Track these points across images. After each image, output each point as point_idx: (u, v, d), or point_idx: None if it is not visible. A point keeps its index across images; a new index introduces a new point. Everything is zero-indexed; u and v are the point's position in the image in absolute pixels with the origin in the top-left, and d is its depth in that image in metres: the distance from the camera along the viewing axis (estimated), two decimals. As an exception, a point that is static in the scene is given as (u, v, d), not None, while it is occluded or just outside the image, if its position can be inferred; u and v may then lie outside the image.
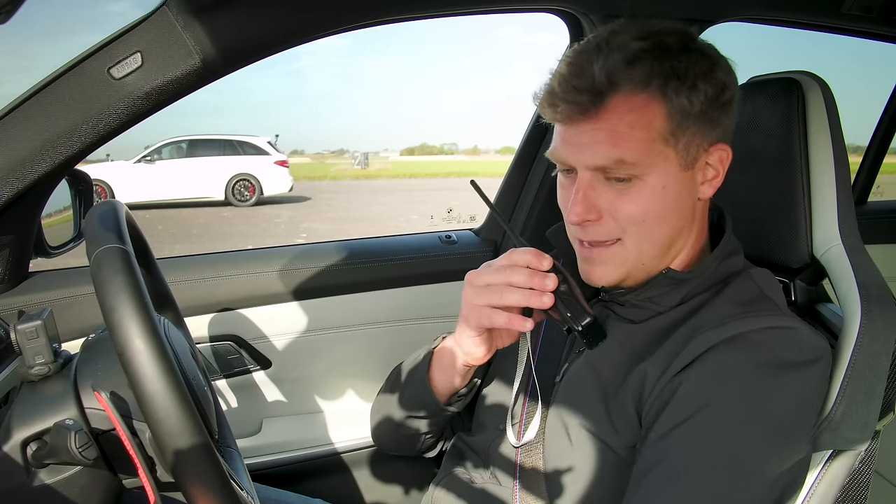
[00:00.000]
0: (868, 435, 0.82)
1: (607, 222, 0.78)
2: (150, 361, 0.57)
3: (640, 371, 0.78)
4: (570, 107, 0.75)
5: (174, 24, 0.98)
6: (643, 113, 0.74)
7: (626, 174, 0.75)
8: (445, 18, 1.29)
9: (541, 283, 0.74)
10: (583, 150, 0.76)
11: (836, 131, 0.90)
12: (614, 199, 0.77)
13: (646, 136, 0.74)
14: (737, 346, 0.74)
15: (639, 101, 0.74)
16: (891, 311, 0.83)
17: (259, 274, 1.40)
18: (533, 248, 0.76)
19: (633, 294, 0.82)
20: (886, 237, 2.06)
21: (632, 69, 0.74)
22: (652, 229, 0.78)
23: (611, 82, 0.73)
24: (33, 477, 0.69)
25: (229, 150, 12.74)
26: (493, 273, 0.77)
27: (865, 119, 2.45)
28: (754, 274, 0.84)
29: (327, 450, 1.45)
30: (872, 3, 1.41)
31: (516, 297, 0.75)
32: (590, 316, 0.73)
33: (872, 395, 0.81)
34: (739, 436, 0.72)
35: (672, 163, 0.77)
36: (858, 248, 0.88)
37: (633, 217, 0.77)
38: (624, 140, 0.74)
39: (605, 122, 0.74)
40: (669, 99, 0.75)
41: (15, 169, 0.99)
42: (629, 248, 0.79)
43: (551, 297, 0.73)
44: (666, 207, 0.78)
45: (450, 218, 10.40)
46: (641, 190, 0.76)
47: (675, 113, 0.75)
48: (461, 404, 0.94)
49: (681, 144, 0.76)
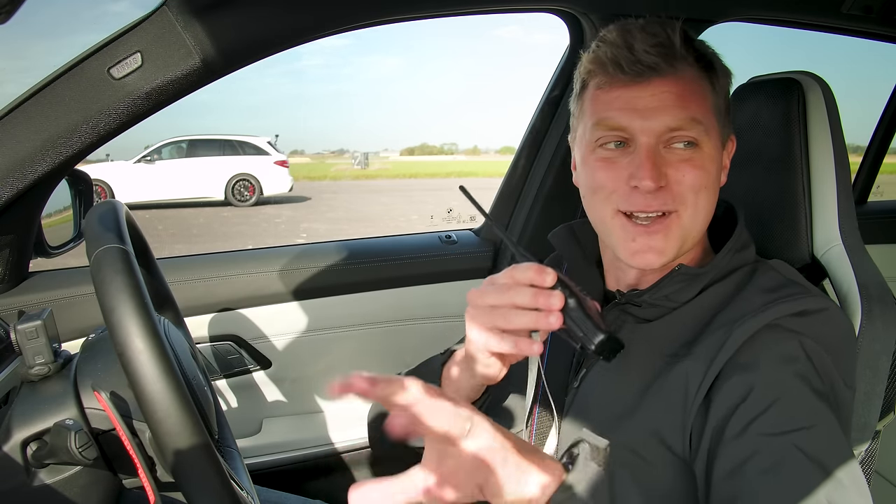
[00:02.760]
0: (868, 435, 0.82)
1: (672, 188, 0.78)
2: (150, 361, 0.57)
3: (680, 371, 0.77)
4: (643, 66, 0.76)
5: (174, 24, 0.98)
6: (701, 83, 0.79)
7: (695, 136, 0.77)
8: (445, 18, 1.29)
9: (546, 302, 0.68)
10: (652, 113, 0.77)
11: (836, 131, 0.90)
12: (680, 164, 0.78)
13: (704, 104, 0.79)
14: (779, 330, 0.75)
15: (696, 72, 0.79)
16: (891, 311, 0.83)
17: (259, 274, 1.40)
18: (535, 263, 0.71)
19: (648, 293, 0.82)
20: (886, 237, 2.06)
21: (690, 44, 0.78)
22: (707, 198, 0.80)
23: (685, 49, 0.77)
24: (33, 477, 0.69)
25: (229, 150, 12.74)
26: (496, 294, 0.71)
27: (865, 119, 2.45)
28: (774, 265, 0.85)
29: (327, 450, 1.45)
30: (872, 3, 1.41)
31: (523, 320, 0.69)
32: (603, 332, 0.67)
33: (872, 395, 0.81)
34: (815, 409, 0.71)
35: (717, 136, 0.80)
36: (858, 248, 0.88)
37: (698, 183, 0.78)
38: (692, 103, 0.77)
39: (676, 85, 0.77)
40: (712, 81, 0.80)
41: (15, 169, 0.99)
42: (685, 220, 0.79)
43: (559, 316, 0.68)
44: (715, 179, 0.81)
45: (450, 218, 10.40)
46: (703, 157, 0.78)
47: (720, 91, 0.81)
48: None
49: (720, 122, 0.81)
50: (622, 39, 0.78)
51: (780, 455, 0.69)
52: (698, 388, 0.75)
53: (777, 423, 0.70)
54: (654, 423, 0.78)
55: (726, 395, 0.74)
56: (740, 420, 0.72)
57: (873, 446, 0.87)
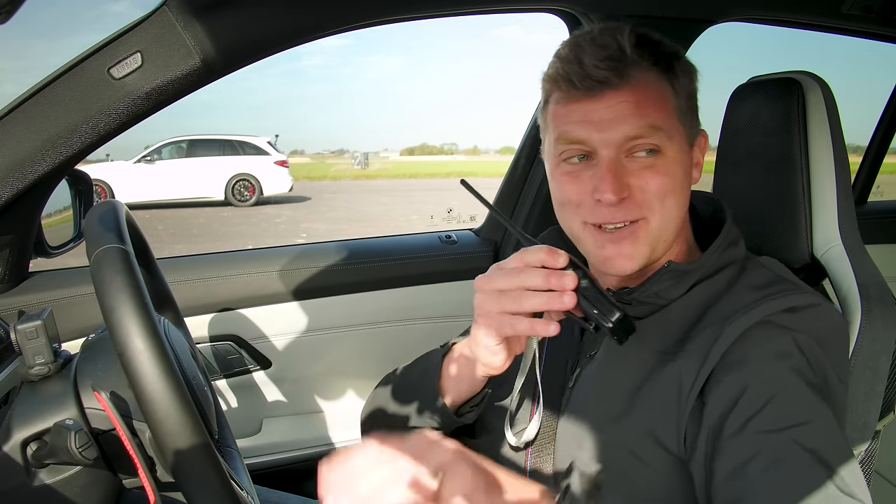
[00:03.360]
0: (868, 435, 0.82)
1: (636, 197, 0.78)
2: (150, 361, 0.57)
3: (673, 370, 0.77)
4: (594, 80, 0.76)
5: (174, 24, 0.98)
6: (660, 87, 0.78)
7: (656, 143, 0.77)
8: (445, 18, 1.29)
9: (559, 282, 0.68)
10: (608, 125, 0.76)
11: (836, 131, 0.90)
12: (642, 172, 0.77)
13: (665, 108, 0.78)
14: (771, 327, 0.75)
15: (654, 76, 0.78)
16: (891, 311, 0.83)
17: (259, 274, 1.40)
18: (546, 246, 0.70)
19: (638, 291, 0.82)
20: (886, 237, 2.06)
21: (642, 49, 0.77)
22: (675, 205, 0.79)
23: (633, 60, 0.76)
24: (33, 477, 0.69)
25: (229, 150, 12.74)
26: (506, 277, 0.71)
27: (865, 119, 2.45)
28: (764, 262, 0.85)
29: (327, 450, 1.45)
30: (872, 3, 1.41)
31: (536, 302, 0.69)
32: (619, 310, 0.68)
33: (872, 395, 0.81)
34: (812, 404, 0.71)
35: (682, 137, 0.80)
36: (858, 248, 0.88)
37: (662, 189, 0.77)
38: (650, 109, 0.76)
39: (631, 94, 0.76)
40: (677, 77, 0.79)
41: (15, 169, 0.99)
42: (653, 226, 0.79)
43: (573, 296, 0.67)
44: (681, 181, 0.80)
45: (450, 218, 10.39)
46: (665, 162, 0.78)
47: (681, 90, 0.79)
48: (473, 415, 0.90)
49: (686, 121, 0.80)
50: (573, 54, 0.77)
51: (780, 452, 0.69)
52: (692, 386, 0.75)
53: (775, 419, 0.70)
54: (648, 422, 0.78)
55: (722, 394, 0.73)
56: (738, 418, 0.72)
57: (873, 446, 0.88)
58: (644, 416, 0.78)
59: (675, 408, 0.76)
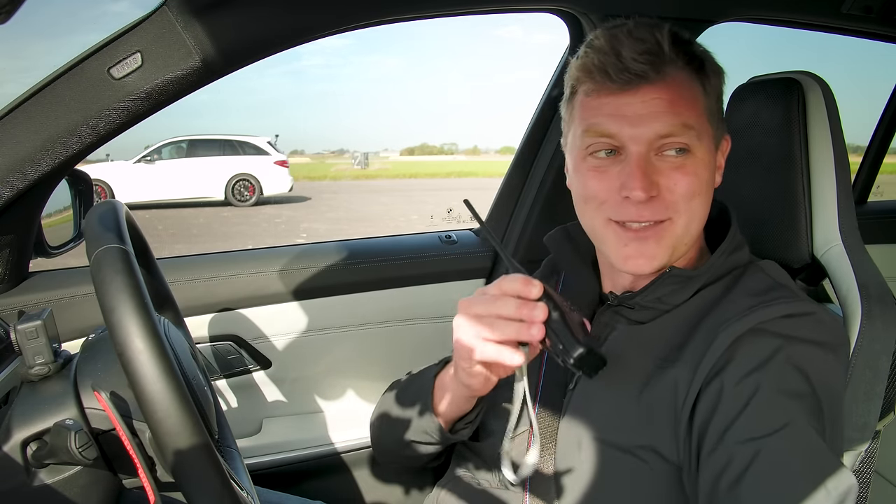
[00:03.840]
0: (868, 435, 0.82)
1: (664, 197, 0.77)
2: (150, 361, 0.57)
3: (669, 378, 0.77)
4: (631, 74, 0.75)
5: (174, 24, 0.98)
6: (692, 87, 0.78)
7: (687, 142, 0.76)
8: (445, 18, 1.29)
9: (529, 314, 0.69)
10: (641, 121, 0.76)
11: (836, 131, 0.90)
12: (671, 172, 0.77)
13: (696, 108, 0.78)
14: (761, 334, 0.74)
15: (687, 75, 0.78)
16: (891, 311, 0.83)
17: (259, 274, 1.40)
18: (522, 276, 0.71)
19: (641, 296, 0.82)
20: (886, 237, 2.06)
21: (679, 47, 0.77)
22: (701, 204, 0.79)
23: (669, 58, 0.76)
24: (33, 477, 0.69)
25: (229, 150, 12.74)
26: (484, 304, 0.72)
27: (865, 119, 2.45)
28: (764, 266, 0.85)
29: (327, 450, 1.45)
30: (872, 3, 1.41)
31: (506, 331, 0.70)
32: (582, 346, 0.66)
33: (872, 395, 0.81)
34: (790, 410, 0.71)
35: (710, 139, 0.80)
36: (858, 248, 0.88)
37: (690, 190, 0.77)
38: (683, 108, 0.76)
39: (665, 92, 0.76)
40: (703, 83, 0.79)
41: (15, 169, 0.99)
42: (678, 228, 0.78)
43: (541, 329, 0.68)
44: (708, 183, 0.80)
45: (450, 218, 10.39)
46: (695, 162, 0.77)
47: (711, 92, 0.79)
48: (467, 432, 0.92)
49: (714, 124, 0.80)
50: (610, 46, 0.76)
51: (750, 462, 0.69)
52: (686, 395, 0.76)
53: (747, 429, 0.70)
54: (648, 430, 0.78)
55: (705, 404, 0.74)
56: (715, 430, 0.72)
57: (873, 446, 0.87)
58: (644, 424, 0.78)
59: (672, 417, 0.76)
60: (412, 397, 0.94)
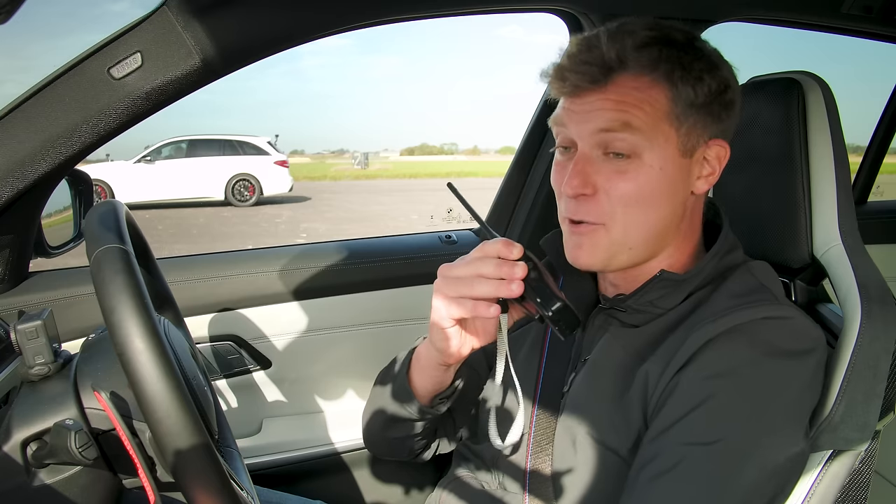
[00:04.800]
0: (868, 435, 0.82)
1: (600, 200, 0.78)
2: (150, 361, 0.57)
3: (643, 372, 0.78)
4: (579, 77, 0.76)
5: (174, 24, 0.98)
6: (649, 93, 0.77)
7: (629, 146, 0.76)
8: (445, 18, 1.29)
9: (509, 271, 0.72)
10: (587, 117, 0.77)
11: (836, 131, 0.90)
12: (611, 175, 0.77)
13: (651, 111, 0.76)
14: (733, 338, 0.75)
15: (645, 82, 0.77)
16: (891, 311, 0.83)
17: (259, 274, 1.40)
18: (504, 238, 0.75)
19: (632, 299, 0.82)
20: (886, 237, 2.06)
21: (640, 52, 0.76)
22: (643, 212, 0.78)
23: (620, 60, 0.76)
24: (33, 477, 0.69)
25: (229, 150, 12.74)
26: (464, 265, 0.76)
27: (865, 119, 2.45)
28: (752, 267, 0.84)
29: (327, 450, 1.45)
30: (872, 3, 1.41)
31: (486, 288, 0.73)
32: (559, 300, 0.71)
33: (872, 395, 0.81)
34: (734, 430, 0.72)
35: (672, 145, 0.78)
36: (858, 248, 0.88)
37: (628, 196, 0.77)
38: (631, 108, 0.76)
39: (613, 94, 0.76)
40: (675, 85, 0.77)
41: (15, 169, 0.99)
42: (614, 234, 0.79)
43: (520, 285, 0.72)
44: (659, 191, 0.78)
45: (450, 218, 10.39)
46: (639, 168, 0.77)
47: (679, 99, 0.77)
48: (443, 406, 0.92)
49: (682, 129, 0.78)
50: (568, 50, 0.79)
51: (674, 465, 0.71)
52: (654, 392, 0.77)
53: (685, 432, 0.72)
54: (632, 427, 0.79)
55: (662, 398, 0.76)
56: (660, 422, 0.74)
57: (873, 446, 0.87)
58: (627, 422, 0.79)
59: (640, 412, 0.78)
60: (392, 374, 0.96)
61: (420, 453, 1.04)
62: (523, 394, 0.85)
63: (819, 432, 0.81)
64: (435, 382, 0.89)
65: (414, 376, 0.91)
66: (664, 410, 0.75)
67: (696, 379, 0.74)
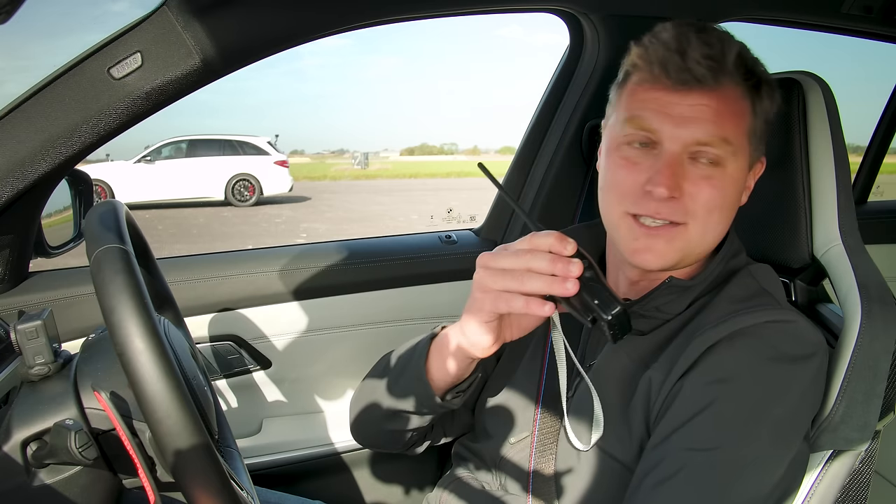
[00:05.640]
0: (868, 435, 0.82)
1: (684, 202, 0.77)
2: (150, 361, 0.57)
3: (646, 379, 0.78)
4: (688, 74, 0.75)
5: (174, 24, 0.98)
6: (742, 104, 0.78)
7: (720, 155, 0.76)
8: (446, 18, 1.29)
9: (564, 268, 0.67)
10: (685, 123, 0.76)
11: (836, 131, 0.90)
12: (698, 180, 0.77)
13: (741, 126, 0.78)
14: (735, 343, 0.75)
15: (741, 92, 0.78)
16: (891, 311, 0.83)
17: (259, 274, 1.40)
18: (556, 232, 0.70)
19: (639, 304, 0.82)
20: (886, 237, 2.06)
21: (741, 61, 0.77)
22: (720, 219, 0.79)
23: (729, 69, 0.76)
24: (33, 477, 0.69)
25: (229, 150, 12.74)
26: (512, 257, 0.71)
27: (865, 119, 2.45)
28: (754, 270, 0.84)
29: (327, 450, 1.45)
30: (872, 3, 1.41)
31: (538, 284, 0.69)
32: (619, 304, 0.67)
33: (872, 395, 0.81)
34: (737, 436, 0.72)
35: (745, 158, 0.80)
36: (858, 248, 0.88)
37: (712, 202, 0.77)
38: (727, 122, 0.76)
39: (715, 101, 0.76)
40: (761, 99, 0.79)
41: (15, 169, 0.99)
42: (692, 235, 0.78)
43: (576, 283, 0.67)
44: (733, 200, 0.80)
45: (450, 218, 10.39)
46: (724, 177, 0.78)
47: (759, 113, 0.80)
48: (459, 401, 0.89)
49: (753, 144, 0.80)
50: (676, 42, 0.76)
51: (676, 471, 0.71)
52: (656, 399, 0.77)
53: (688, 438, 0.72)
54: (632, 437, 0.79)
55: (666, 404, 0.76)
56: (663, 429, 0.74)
57: (873, 446, 0.87)
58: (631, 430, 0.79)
59: (643, 418, 0.78)
60: (403, 362, 0.91)
61: (413, 446, 1.00)
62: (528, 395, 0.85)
63: (819, 432, 0.81)
64: (456, 375, 0.84)
65: (433, 365, 0.86)
66: (667, 417, 0.74)
67: (698, 385, 0.74)
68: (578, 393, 0.86)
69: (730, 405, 0.72)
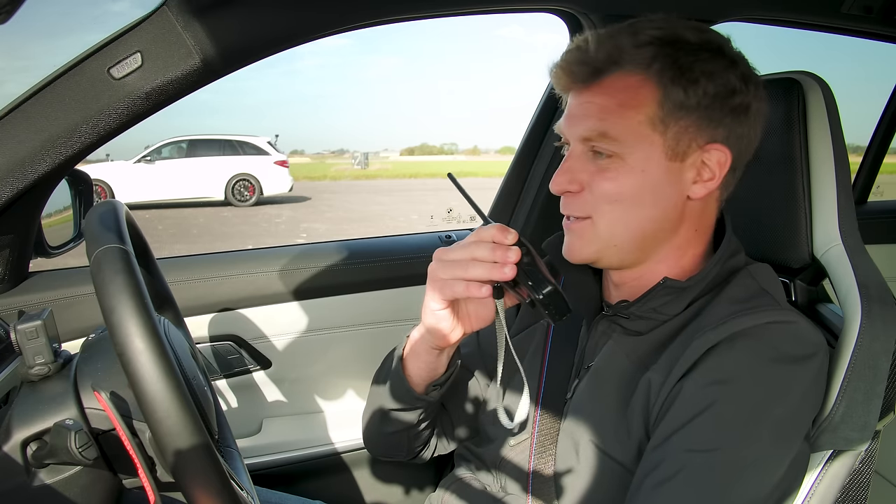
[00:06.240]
0: (868, 435, 0.82)
1: (584, 197, 0.80)
2: (150, 361, 0.57)
3: (646, 380, 0.78)
4: (568, 77, 0.80)
5: (174, 24, 0.98)
6: (636, 93, 0.77)
7: (609, 149, 0.77)
8: (446, 18, 1.29)
9: (503, 255, 0.74)
10: (575, 121, 0.80)
11: (836, 131, 0.90)
12: (595, 174, 0.79)
13: (633, 116, 0.77)
14: (736, 345, 0.74)
15: (634, 81, 0.77)
16: (891, 311, 0.83)
17: (259, 274, 1.40)
18: (499, 224, 0.76)
19: (636, 306, 0.82)
20: (886, 237, 2.06)
21: (635, 51, 0.77)
22: (625, 211, 0.79)
23: (612, 60, 0.77)
24: (33, 477, 0.69)
25: (229, 150, 12.74)
26: (460, 249, 0.77)
27: (865, 119, 2.45)
28: (753, 270, 0.84)
29: (327, 450, 1.45)
30: (872, 3, 1.41)
31: (479, 271, 0.75)
32: (550, 284, 0.72)
33: (872, 395, 0.81)
34: (738, 437, 0.72)
35: (657, 149, 0.77)
36: (858, 248, 0.88)
37: (608, 195, 0.78)
38: (611, 115, 0.77)
39: (598, 97, 0.78)
40: (664, 86, 0.76)
41: (15, 169, 0.99)
42: (600, 228, 0.80)
43: (513, 268, 0.73)
44: (642, 192, 0.78)
45: (450, 218, 10.39)
46: (620, 169, 0.78)
47: (667, 101, 0.76)
48: (437, 394, 0.93)
49: (670, 133, 0.77)
50: (567, 47, 0.81)
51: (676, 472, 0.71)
52: (656, 400, 0.77)
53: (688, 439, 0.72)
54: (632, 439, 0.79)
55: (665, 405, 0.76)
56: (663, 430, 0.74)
57: (873, 446, 0.87)
58: (630, 432, 0.79)
59: (642, 420, 0.78)
60: (386, 365, 0.97)
61: (418, 453, 1.04)
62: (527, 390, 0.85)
63: (819, 432, 0.81)
64: (429, 368, 0.90)
65: (408, 363, 0.92)
66: (667, 418, 0.74)
67: (698, 386, 0.74)
68: (577, 394, 0.86)
69: (730, 406, 0.72)
